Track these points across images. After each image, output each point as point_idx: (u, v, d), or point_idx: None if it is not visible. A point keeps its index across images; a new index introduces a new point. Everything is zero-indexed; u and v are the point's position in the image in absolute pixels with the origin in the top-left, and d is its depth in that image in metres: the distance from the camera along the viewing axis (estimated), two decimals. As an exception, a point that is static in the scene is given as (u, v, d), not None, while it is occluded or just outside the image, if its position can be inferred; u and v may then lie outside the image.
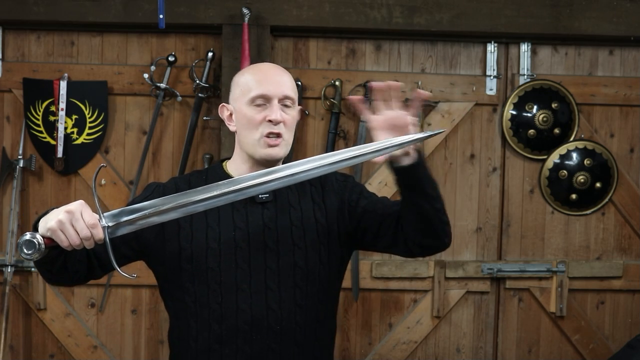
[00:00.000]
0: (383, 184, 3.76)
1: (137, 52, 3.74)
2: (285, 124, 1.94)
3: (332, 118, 3.72)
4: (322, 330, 2.01)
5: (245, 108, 1.95)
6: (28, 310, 3.75)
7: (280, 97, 1.94)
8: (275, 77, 1.96)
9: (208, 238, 1.91)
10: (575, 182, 3.82)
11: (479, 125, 3.82)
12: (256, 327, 1.90)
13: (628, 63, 3.86)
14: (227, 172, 2.00)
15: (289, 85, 1.97)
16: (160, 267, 1.96)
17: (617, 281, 3.87)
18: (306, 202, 1.99)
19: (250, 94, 1.93)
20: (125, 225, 1.75)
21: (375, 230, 2.00)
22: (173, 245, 1.92)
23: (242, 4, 3.56)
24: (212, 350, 1.92)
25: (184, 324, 1.96)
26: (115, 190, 3.70)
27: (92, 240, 1.70)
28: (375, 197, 2.06)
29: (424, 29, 3.68)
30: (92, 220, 1.70)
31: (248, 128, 1.94)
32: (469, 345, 3.86)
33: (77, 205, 1.70)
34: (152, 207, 1.75)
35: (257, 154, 1.95)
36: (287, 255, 1.93)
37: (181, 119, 3.74)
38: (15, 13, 3.60)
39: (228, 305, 1.90)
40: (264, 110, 1.93)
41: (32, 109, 3.66)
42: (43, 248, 1.69)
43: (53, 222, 1.68)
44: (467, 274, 3.79)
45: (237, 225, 1.92)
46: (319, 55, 3.78)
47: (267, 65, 2.07)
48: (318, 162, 1.80)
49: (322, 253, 1.97)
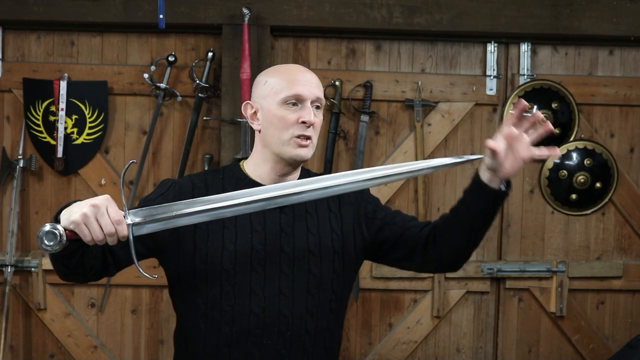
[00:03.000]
0: (383, 184, 3.76)
1: (137, 52, 3.74)
2: (314, 126, 1.93)
3: (332, 118, 3.72)
4: (331, 339, 2.00)
5: (276, 107, 1.91)
6: (28, 310, 3.75)
7: (313, 98, 1.92)
8: (308, 79, 1.94)
9: (224, 239, 1.89)
10: (575, 182, 3.82)
11: (479, 125, 3.82)
12: (267, 331, 1.88)
13: (628, 63, 3.86)
14: (245, 173, 1.97)
15: (320, 88, 1.96)
16: (173, 265, 1.93)
17: (617, 281, 3.87)
18: (323, 210, 1.98)
19: (283, 94, 1.90)
20: (149, 224, 1.72)
21: (392, 242, 2.01)
22: (188, 245, 1.89)
23: (242, 4, 3.56)
24: (221, 352, 1.90)
25: (193, 325, 1.93)
26: (115, 190, 3.69)
27: (115, 237, 1.67)
28: (391, 210, 2.07)
29: (424, 29, 3.68)
30: (118, 217, 1.66)
31: (278, 128, 1.91)
32: (469, 345, 3.86)
33: (103, 200, 1.66)
34: (178, 209, 1.73)
35: (287, 153, 1.91)
36: (302, 261, 1.91)
37: (181, 119, 3.74)
38: (15, 13, 3.60)
39: (240, 308, 1.88)
40: (297, 111, 1.90)
41: (32, 109, 3.66)
42: (65, 240, 1.65)
43: (77, 215, 1.64)
44: (467, 274, 3.78)
45: (255, 228, 1.90)
46: (319, 55, 3.78)
47: (298, 67, 2.03)
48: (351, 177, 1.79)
49: (336, 262, 1.96)
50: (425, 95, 3.76)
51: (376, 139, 3.78)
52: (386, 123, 3.79)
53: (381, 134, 3.79)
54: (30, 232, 3.73)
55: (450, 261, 2.01)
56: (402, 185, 3.79)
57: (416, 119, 3.75)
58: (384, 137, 3.79)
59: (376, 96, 3.75)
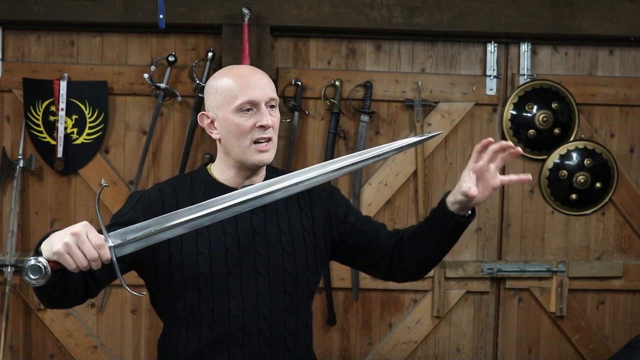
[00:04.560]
0: (383, 184, 3.76)
1: (137, 52, 3.74)
2: (273, 127, 1.93)
3: (332, 118, 3.72)
4: (309, 336, 2.03)
5: (231, 116, 1.90)
6: (28, 310, 3.75)
7: (266, 100, 1.91)
8: (258, 81, 1.92)
9: (198, 244, 1.90)
10: (575, 182, 3.82)
11: (479, 125, 3.82)
12: (248, 332, 1.90)
13: (628, 63, 3.86)
14: (213, 177, 1.98)
15: (272, 87, 1.95)
16: (152, 275, 1.95)
17: (617, 281, 3.87)
18: (293, 209, 1.99)
19: (237, 102, 1.89)
20: (131, 243, 1.74)
21: (361, 249, 2.04)
22: (163, 253, 1.90)
23: (242, 4, 3.56)
24: (203, 356, 1.91)
25: (175, 331, 1.95)
26: (115, 190, 3.70)
27: (99, 261, 1.69)
28: (362, 216, 2.10)
29: (424, 29, 3.68)
30: (99, 241, 1.68)
31: (237, 136, 1.90)
32: (469, 345, 3.86)
33: (81, 227, 1.68)
34: (158, 225, 1.75)
35: (249, 160, 1.92)
36: (277, 260, 1.93)
37: (181, 119, 3.74)
38: (15, 13, 3.60)
39: (220, 311, 1.89)
40: (254, 116, 1.90)
41: (32, 109, 3.66)
42: (49, 272, 1.67)
43: (59, 246, 1.65)
44: (467, 274, 3.79)
45: (227, 230, 1.91)
46: (319, 55, 3.78)
47: (245, 69, 2.01)
48: (319, 170, 1.81)
49: (310, 260, 1.98)
50: (425, 95, 3.76)
51: (376, 139, 3.78)
52: (386, 123, 3.79)
53: (381, 134, 3.79)
54: (30, 232, 3.73)
55: (413, 274, 2.07)
56: (402, 185, 3.79)
57: (416, 119, 3.75)
58: (384, 137, 3.79)
59: (376, 96, 3.75)
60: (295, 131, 3.69)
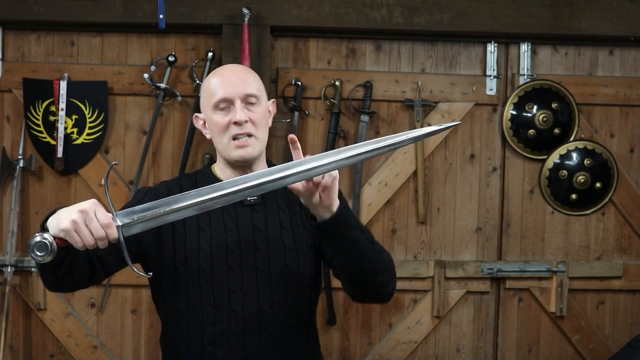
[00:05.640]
0: (383, 184, 3.76)
1: (137, 52, 3.74)
2: (253, 122, 1.93)
3: (332, 118, 3.72)
4: (313, 331, 2.04)
5: (211, 114, 1.95)
6: (28, 310, 3.75)
7: (241, 96, 1.92)
8: (234, 79, 1.94)
9: (200, 240, 1.92)
10: (575, 182, 3.82)
11: (479, 125, 3.82)
12: (249, 328, 1.90)
13: (628, 63, 3.86)
14: (217, 176, 2.01)
15: (249, 83, 1.95)
16: (156, 269, 1.95)
17: (617, 281, 3.87)
18: (294, 205, 1.99)
19: (214, 100, 1.94)
20: (138, 223, 1.72)
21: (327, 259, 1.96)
22: (168, 248, 1.92)
23: (242, 4, 3.56)
24: (206, 352, 1.91)
25: (176, 328, 1.95)
26: (115, 190, 3.70)
27: (106, 240, 1.68)
28: None
29: (424, 29, 3.68)
30: (107, 220, 1.68)
31: (218, 134, 1.94)
32: (469, 345, 3.86)
33: (90, 205, 1.67)
34: (167, 205, 1.72)
35: (231, 157, 1.95)
36: (278, 257, 1.93)
37: (181, 119, 3.74)
38: (15, 13, 3.60)
39: (220, 307, 1.90)
40: (229, 113, 1.92)
41: (32, 109, 3.66)
42: (55, 249, 1.65)
43: (67, 222, 1.65)
44: (467, 274, 3.79)
45: (228, 227, 1.93)
46: (319, 55, 3.78)
47: (228, 68, 2.05)
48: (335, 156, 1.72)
49: (311, 256, 1.98)
50: (425, 95, 3.76)
51: (376, 139, 3.77)
52: (386, 123, 3.79)
53: (381, 134, 3.79)
54: (30, 232, 3.73)
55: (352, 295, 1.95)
56: (402, 185, 3.79)
57: (416, 119, 3.75)
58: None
59: (376, 96, 3.75)
60: (295, 131, 3.68)
